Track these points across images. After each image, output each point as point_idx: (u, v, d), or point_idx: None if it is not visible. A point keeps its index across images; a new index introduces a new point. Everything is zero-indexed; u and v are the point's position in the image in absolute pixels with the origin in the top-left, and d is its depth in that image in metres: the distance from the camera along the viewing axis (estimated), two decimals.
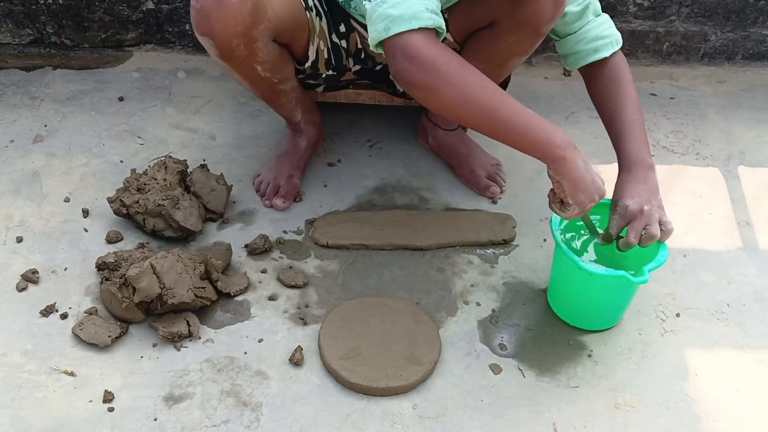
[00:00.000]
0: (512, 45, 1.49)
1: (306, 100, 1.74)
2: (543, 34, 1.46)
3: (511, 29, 1.45)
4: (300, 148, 1.76)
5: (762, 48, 2.22)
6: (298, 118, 1.72)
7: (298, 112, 1.70)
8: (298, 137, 1.76)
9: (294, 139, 1.76)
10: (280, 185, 1.69)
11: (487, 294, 1.53)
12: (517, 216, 1.69)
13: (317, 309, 1.48)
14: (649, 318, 1.49)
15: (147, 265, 1.38)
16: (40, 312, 1.44)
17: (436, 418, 1.31)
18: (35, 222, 1.62)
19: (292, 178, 1.70)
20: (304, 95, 1.72)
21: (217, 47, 1.40)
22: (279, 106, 1.67)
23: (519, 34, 1.46)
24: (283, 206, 1.68)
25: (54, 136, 1.86)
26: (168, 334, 1.38)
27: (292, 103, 1.67)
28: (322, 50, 1.58)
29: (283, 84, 1.58)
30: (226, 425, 1.28)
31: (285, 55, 1.52)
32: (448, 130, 1.79)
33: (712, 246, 1.66)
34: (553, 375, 1.39)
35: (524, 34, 1.45)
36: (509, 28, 1.45)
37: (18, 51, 2.13)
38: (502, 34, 1.47)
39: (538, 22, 1.42)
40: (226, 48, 1.39)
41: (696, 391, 1.37)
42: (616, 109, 1.49)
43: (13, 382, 1.33)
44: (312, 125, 1.77)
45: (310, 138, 1.77)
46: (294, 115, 1.71)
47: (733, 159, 1.90)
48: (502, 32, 1.47)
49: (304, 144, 1.76)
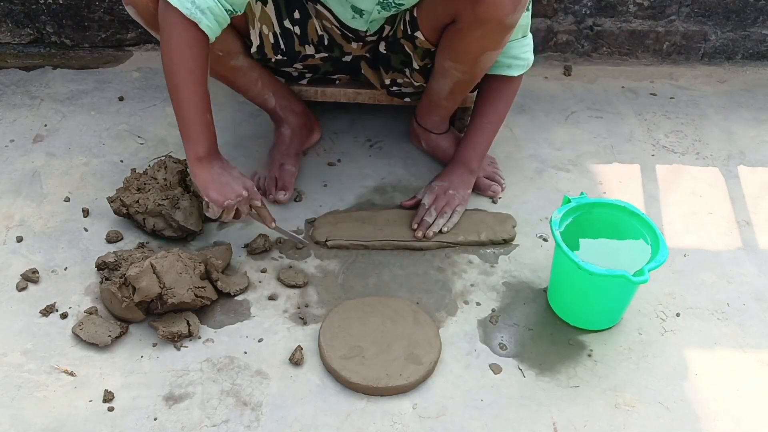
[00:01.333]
0: (479, 40, 1.48)
1: (277, 85, 1.74)
2: (509, 27, 1.44)
3: (474, 24, 1.44)
4: (285, 137, 1.76)
5: (762, 48, 2.22)
6: (271, 104, 1.72)
7: (269, 97, 1.71)
8: (281, 127, 1.77)
9: (277, 130, 1.78)
10: (276, 177, 1.69)
11: (487, 294, 1.53)
12: (517, 216, 1.69)
13: (317, 309, 1.48)
14: (649, 318, 1.49)
15: (147, 264, 1.38)
16: (40, 311, 1.44)
17: (436, 417, 1.31)
18: (35, 222, 1.62)
19: (284, 167, 1.71)
20: (273, 80, 1.73)
21: (140, 14, 1.41)
22: (243, 88, 1.68)
23: (483, 29, 1.44)
24: (284, 199, 1.68)
25: (54, 135, 1.86)
26: (168, 334, 1.38)
27: (258, 86, 1.67)
28: (266, 35, 1.58)
29: (233, 59, 1.57)
30: (226, 425, 1.28)
31: None
32: (440, 134, 1.79)
33: (712, 246, 1.66)
34: (553, 375, 1.39)
35: (489, 29, 1.44)
36: (472, 23, 1.44)
37: (18, 50, 2.13)
38: (466, 29, 1.46)
39: (499, 15, 1.40)
40: (148, 13, 1.39)
41: (696, 391, 1.37)
42: (479, 113, 1.71)
43: (13, 381, 1.33)
44: (291, 112, 1.76)
45: (293, 125, 1.77)
46: (266, 101, 1.72)
47: (733, 159, 1.90)
48: (466, 27, 1.46)
49: (288, 132, 1.76)
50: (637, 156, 1.89)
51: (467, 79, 1.61)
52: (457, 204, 1.65)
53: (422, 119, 1.79)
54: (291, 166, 1.73)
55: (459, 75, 1.58)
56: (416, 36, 1.57)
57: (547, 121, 1.98)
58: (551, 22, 2.14)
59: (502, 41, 1.50)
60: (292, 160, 1.74)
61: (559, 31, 2.15)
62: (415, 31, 1.56)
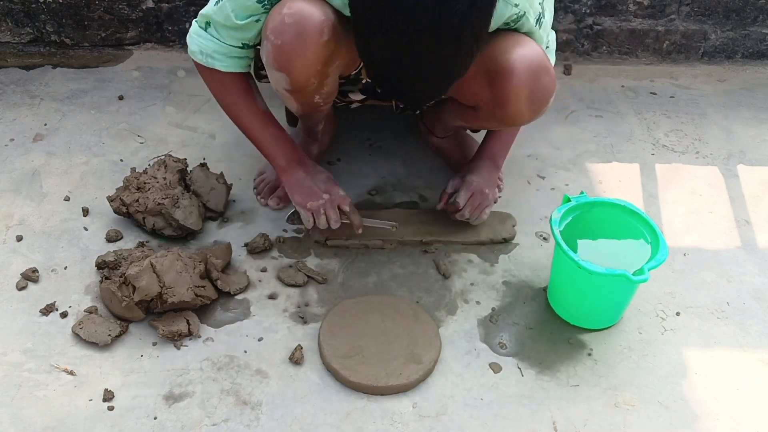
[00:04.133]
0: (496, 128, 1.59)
1: (331, 111, 1.74)
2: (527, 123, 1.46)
3: (492, 120, 1.48)
4: (311, 155, 1.74)
5: (762, 47, 2.22)
6: (319, 127, 1.72)
7: (322, 122, 1.71)
8: (311, 144, 1.75)
9: (307, 146, 1.75)
10: (279, 186, 1.69)
11: (487, 293, 1.53)
12: (517, 215, 1.69)
13: (317, 308, 1.48)
14: (649, 317, 1.49)
15: (147, 263, 1.38)
16: (40, 311, 1.44)
17: (436, 416, 1.31)
18: (35, 221, 1.62)
19: None
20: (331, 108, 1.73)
21: (292, 83, 1.36)
22: (308, 118, 1.65)
23: (501, 124, 1.49)
24: (276, 207, 1.68)
25: (54, 134, 1.86)
26: (168, 333, 1.38)
27: (321, 115, 1.66)
28: None
29: (325, 106, 1.55)
30: (226, 424, 1.28)
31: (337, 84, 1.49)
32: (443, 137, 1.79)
33: (711, 245, 1.66)
34: (553, 374, 1.39)
35: (506, 125, 1.48)
36: (491, 120, 1.48)
37: (18, 50, 2.13)
38: (486, 120, 1.51)
39: (516, 122, 1.43)
40: (300, 84, 1.36)
41: (696, 390, 1.37)
42: None
43: (12, 380, 1.33)
44: (327, 134, 1.78)
45: (323, 147, 1.78)
46: (317, 125, 1.71)
47: (733, 158, 1.90)
48: (485, 118, 1.49)
49: (315, 151, 1.76)
50: (637, 155, 1.89)
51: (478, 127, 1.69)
52: (487, 205, 1.61)
53: (429, 122, 1.79)
54: None
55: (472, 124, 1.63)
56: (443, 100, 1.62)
57: (547, 121, 1.98)
58: None
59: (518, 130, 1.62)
60: None
61: (558, 30, 2.15)
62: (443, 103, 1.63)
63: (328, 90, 1.44)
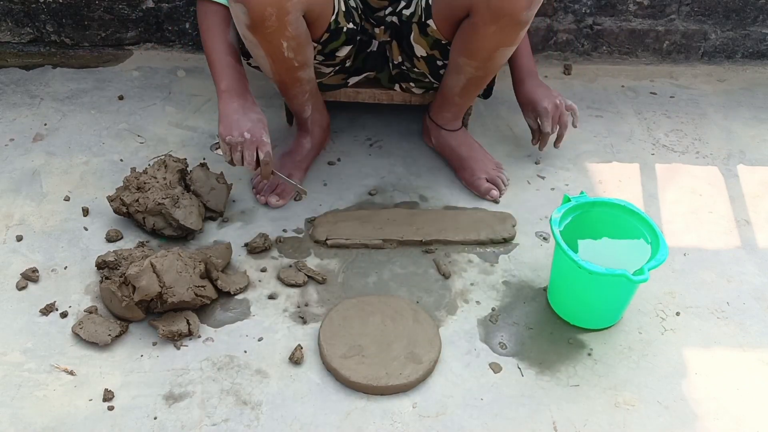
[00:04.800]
0: (494, 35, 1.49)
1: (318, 98, 1.74)
2: (525, 23, 1.45)
3: (489, 18, 1.44)
4: (304, 149, 1.76)
5: (762, 47, 2.22)
6: (307, 114, 1.72)
7: (308, 107, 1.70)
8: (303, 138, 1.76)
9: (299, 139, 1.76)
10: (278, 183, 1.69)
11: (487, 293, 1.53)
12: (517, 214, 1.69)
13: (317, 308, 1.48)
14: (649, 317, 1.49)
15: (147, 263, 1.38)
16: (40, 311, 1.44)
17: (436, 416, 1.31)
18: (35, 221, 1.62)
19: (291, 177, 1.70)
20: (318, 93, 1.73)
21: (250, 15, 1.38)
22: (292, 96, 1.66)
23: (498, 24, 1.45)
24: (277, 204, 1.68)
25: (54, 134, 1.86)
26: (168, 333, 1.38)
27: (305, 96, 1.66)
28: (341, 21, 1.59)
29: (301, 70, 1.57)
30: (226, 424, 1.28)
31: (308, 35, 1.52)
32: (451, 131, 1.79)
33: (711, 245, 1.66)
34: (553, 374, 1.39)
35: (504, 24, 1.45)
36: (487, 18, 1.44)
37: (18, 49, 2.13)
38: (481, 24, 1.47)
39: (515, 9, 1.41)
40: (258, 16, 1.38)
41: (696, 390, 1.37)
42: None
43: (12, 380, 1.33)
44: (319, 127, 1.77)
45: (315, 140, 1.77)
46: (304, 110, 1.71)
47: (733, 158, 1.90)
48: (481, 22, 1.46)
49: (309, 145, 1.76)
50: (637, 155, 1.89)
51: (481, 75, 1.61)
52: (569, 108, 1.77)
53: (435, 115, 1.79)
54: (297, 179, 1.72)
55: (472, 71, 1.59)
56: (428, 24, 1.57)
57: None
58: (551, 21, 2.14)
59: (517, 37, 1.50)
60: (300, 172, 1.74)
61: (558, 30, 2.15)
62: (428, 19, 1.57)
63: (294, 33, 1.45)
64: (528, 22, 1.45)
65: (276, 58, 1.50)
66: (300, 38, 1.48)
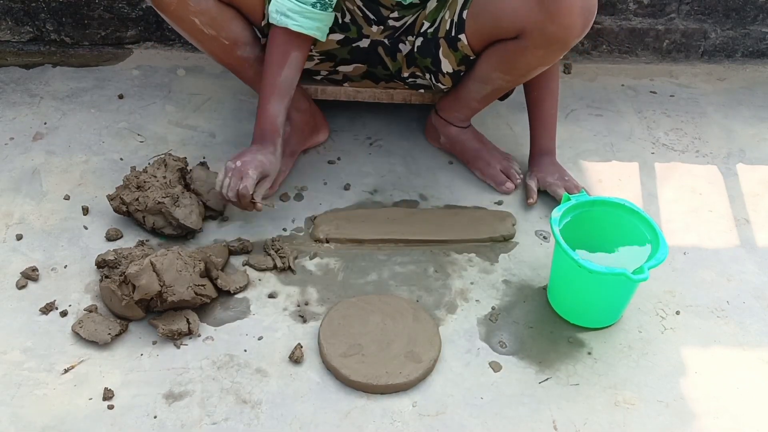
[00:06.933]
0: (540, 58, 1.51)
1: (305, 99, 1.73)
2: (570, 47, 1.46)
3: (540, 43, 1.45)
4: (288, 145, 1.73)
5: (762, 45, 2.22)
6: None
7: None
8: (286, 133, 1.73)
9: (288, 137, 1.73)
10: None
11: (487, 291, 1.53)
12: (517, 213, 1.69)
13: (317, 306, 1.48)
14: (649, 316, 1.49)
15: (147, 262, 1.38)
16: (40, 310, 1.44)
17: (435, 415, 1.31)
18: (35, 219, 1.62)
19: None
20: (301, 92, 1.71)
21: None
22: (248, 79, 1.67)
23: (548, 49, 1.46)
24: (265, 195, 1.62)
25: (54, 133, 1.86)
26: (168, 332, 1.38)
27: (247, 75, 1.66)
28: None
29: (240, 49, 1.57)
30: (226, 423, 1.28)
31: (226, 12, 1.52)
32: (462, 128, 1.79)
33: (711, 244, 1.66)
34: (553, 372, 1.39)
35: (554, 48, 1.46)
36: (539, 42, 1.45)
37: (18, 48, 2.13)
38: (531, 48, 1.47)
39: (568, 37, 1.42)
40: None
41: (695, 389, 1.37)
42: (539, 98, 1.72)
43: (12, 379, 1.33)
44: (294, 109, 1.72)
45: (293, 122, 1.73)
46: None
47: (733, 157, 1.90)
48: (531, 45, 1.47)
49: (287, 129, 1.70)
50: (637, 154, 1.89)
51: (508, 86, 1.64)
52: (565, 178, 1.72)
53: (445, 113, 1.79)
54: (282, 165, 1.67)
55: (503, 84, 1.60)
56: (459, 38, 1.57)
57: None
58: None
59: (557, 59, 1.54)
60: (286, 158, 1.71)
61: None
62: (460, 34, 1.57)
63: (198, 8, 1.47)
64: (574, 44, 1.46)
65: (198, 36, 1.51)
66: (210, 12, 1.49)
